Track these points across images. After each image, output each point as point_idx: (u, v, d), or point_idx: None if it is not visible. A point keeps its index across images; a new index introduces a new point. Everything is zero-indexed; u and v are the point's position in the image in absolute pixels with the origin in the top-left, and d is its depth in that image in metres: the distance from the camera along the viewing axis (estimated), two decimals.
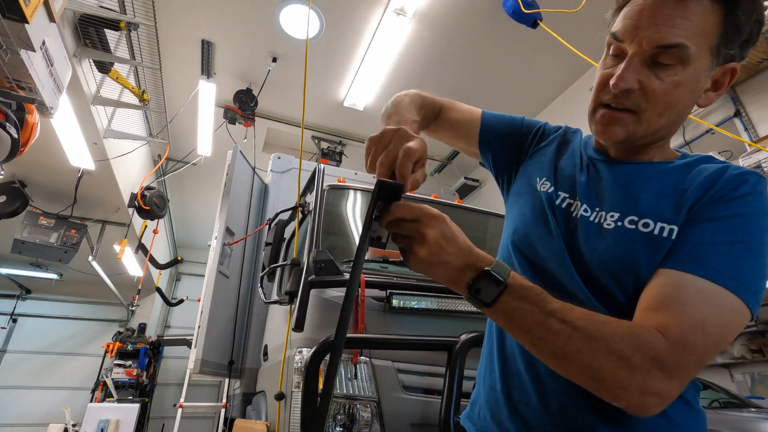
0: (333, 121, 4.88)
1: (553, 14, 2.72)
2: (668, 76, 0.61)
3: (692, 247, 0.57)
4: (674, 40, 0.59)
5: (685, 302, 0.54)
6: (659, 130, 0.66)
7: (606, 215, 0.65)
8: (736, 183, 0.60)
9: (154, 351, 6.34)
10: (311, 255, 1.83)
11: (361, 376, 1.64)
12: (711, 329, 0.53)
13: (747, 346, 8.03)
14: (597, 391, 0.53)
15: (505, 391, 0.70)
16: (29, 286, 7.22)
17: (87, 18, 2.74)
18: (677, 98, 0.63)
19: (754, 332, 8.06)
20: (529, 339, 0.56)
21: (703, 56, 0.61)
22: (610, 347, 0.51)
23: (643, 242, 0.61)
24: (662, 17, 0.60)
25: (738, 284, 0.54)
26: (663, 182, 0.65)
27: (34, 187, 4.06)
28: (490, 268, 0.55)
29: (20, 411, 6.67)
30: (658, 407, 0.52)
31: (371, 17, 3.53)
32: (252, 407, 2.65)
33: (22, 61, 1.81)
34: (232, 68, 4.10)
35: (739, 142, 2.76)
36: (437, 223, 0.55)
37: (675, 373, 0.51)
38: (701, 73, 0.63)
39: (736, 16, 0.60)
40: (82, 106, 3.09)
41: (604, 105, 0.67)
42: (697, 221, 0.59)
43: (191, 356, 3.04)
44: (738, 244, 0.56)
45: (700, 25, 0.59)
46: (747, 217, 0.58)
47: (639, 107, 0.63)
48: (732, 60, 0.65)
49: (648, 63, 0.62)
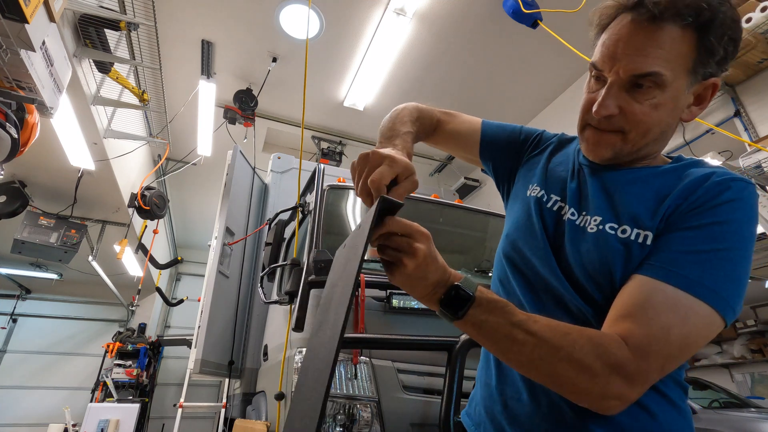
0: (333, 121, 4.88)
1: (553, 14, 2.72)
2: (647, 99, 0.63)
3: (668, 255, 0.59)
4: (648, 69, 0.61)
5: (652, 310, 0.56)
6: (644, 147, 0.68)
7: (590, 219, 0.68)
8: (718, 190, 0.60)
9: (154, 351, 6.34)
10: (311, 255, 1.83)
11: (361, 376, 1.64)
12: (675, 337, 0.54)
13: (747, 346, 8.04)
14: (562, 394, 0.58)
15: (499, 387, 0.73)
16: (29, 286, 7.22)
17: (87, 18, 2.73)
18: (658, 119, 0.65)
19: (754, 332, 8.07)
20: (497, 349, 0.60)
21: (680, 78, 0.63)
22: (571, 356, 0.54)
23: (621, 247, 0.62)
24: (636, 47, 0.62)
25: (710, 293, 0.55)
26: (645, 187, 0.67)
27: (34, 187, 4.05)
28: (459, 283, 0.58)
29: (20, 411, 6.66)
30: (620, 409, 0.55)
31: (371, 17, 3.53)
32: (252, 407, 2.65)
33: (22, 61, 1.81)
34: (232, 68, 4.10)
35: (739, 142, 2.76)
36: (427, 240, 0.58)
37: (635, 379, 0.53)
38: (680, 93, 0.64)
39: (708, 40, 0.61)
40: (82, 106, 3.09)
41: (592, 126, 0.70)
42: (675, 229, 0.60)
43: (191, 356, 3.04)
44: (716, 253, 0.57)
45: (673, 52, 0.61)
46: (728, 224, 0.58)
47: (623, 128, 0.66)
48: (712, 76, 0.66)
49: (627, 88, 0.64)
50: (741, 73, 2.72)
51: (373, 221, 0.56)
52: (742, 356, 7.68)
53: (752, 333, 7.71)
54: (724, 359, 7.99)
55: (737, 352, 7.76)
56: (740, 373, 7.90)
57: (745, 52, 2.53)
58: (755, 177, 2.55)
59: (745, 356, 7.67)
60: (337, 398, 1.57)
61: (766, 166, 2.45)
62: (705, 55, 0.62)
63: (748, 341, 7.72)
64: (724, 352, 8.14)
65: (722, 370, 8.09)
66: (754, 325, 7.66)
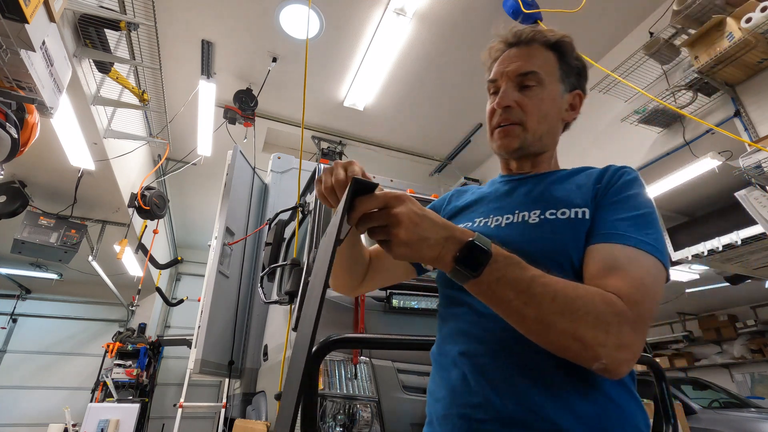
0: (333, 121, 4.88)
1: (553, 14, 2.72)
2: (534, 94, 0.82)
3: (610, 224, 0.69)
4: (529, 68, 0.82)
5: (623, 267, 0.63)
6: (542, 137, 0.84)
7: (529, 214, 0.77)
8: (620, 173, 0.77)
9: (154, 351, 6.34)
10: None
11: (361, 376, 1.64)
12: (648, 285, 0.62)
13: (747, 346, 8.04)
14: (578, 353, 0.57)
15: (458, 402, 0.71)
16: (29, 286, 7.22)
17: (87, 18, 2.74)
18: (546, 110, 0.83)
19: (754, 332, 8.07)
20: (514, 307, 0.58)
21: (554, 83, 0.84)
22: (588, 308, 0.57)
23: (567, 226, 0.72)
24: (518, 58, 0.84)
25: (652, 247, 0.65)
26: (565, 183, 0.81)
27: (34, 187, 4.05)
28: (474, 239, 0.58)
29: (20, 411, 6.66)
30: (631, 362, 0.58)
31: (371, 17, 3.53)
32: (252, 407, 2.65)
33: (22, 61, 1.81)
34: (232, 68, 4.10)
35: (739, 142, 2.76)
36: (404, 201, 0.58)
37: (637, 326, 0.59)
38: (557, 95, 0.84)
39: (564, 58, 0.86)
40: (82, 106, 3.09)
41: (497, 127, 0.84)
42: (604, 205, 0.73)
43: (191, 356, 3.04)
44: (640, 217, 0.69)
45: (544, 61, 0.84)
46: (637, 195, 0.72)
47: (521, 119, 0.82)
48: (577, 88, 0.88)
49: (518, 88, 0.83)
50: (741, 73, 2.72)
51: (346, 203, 0.54)
52: (742, 356, 7.69)
53: (752, 333, 7.71)
54: (724, 359, 8.00)
55: (737, 352, 7.77)
56: (740, 373, 7.90)
57: (745, 52, 2.53)
58: (755, 177, 2.54)
59: (745, 356, 7.67)
60: (337, 398, 1.57)
61: (766, 166, 2.45)
62: (566, 69, 0.85)
63: (748, 341, 7.72)
64: (724, 352, 8.14)
65: (722, 370, 8.10)
66: (754, 325, 7.66)
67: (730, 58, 2.58)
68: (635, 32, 3.64)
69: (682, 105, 3.01)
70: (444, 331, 0.81)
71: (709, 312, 8.54)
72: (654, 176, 3.62)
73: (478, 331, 0.72)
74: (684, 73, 2.92)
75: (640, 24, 3.60)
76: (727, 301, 7.98)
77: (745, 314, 8.11)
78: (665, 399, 1.84)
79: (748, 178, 2.59)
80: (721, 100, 2.92)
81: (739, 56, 2.56)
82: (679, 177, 3.51)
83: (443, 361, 0.77)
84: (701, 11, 2.68)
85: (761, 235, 3.18)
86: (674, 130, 3.26)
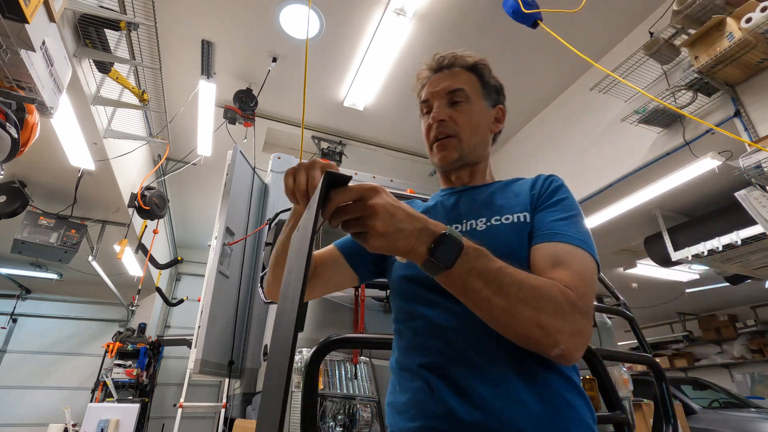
0: (333, 121, 4.88)
1: (553, 14, 2.71)
2: (463, 109, 0.90)
3: (549, 225, 0.76)
4: (457, 86, 0.91)
5: (565, 261, 0.69)
6: (476, 147, 0.92)
7: (476, 222, 0.83)
8: (550, 181, 0.85)
9: (154, 351, 6.33)
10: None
11: (361, 376, 1.64)
12: (587, 276, 0.68)
13: (747, 346, 8.04)
14: (540, 340, 0.61)
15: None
16: (29, 286, 7.21)
17: (87, 18, 2.73)
18: (476, 122, 0.91)
19: (754, 332, 8.07)
20: (483, 296, 0.60)
21: (479, 99, 0.93)
22: (548, 297, 0.61)
23: (511, 230, 0.78)
24: (446, 79, 0.93)
25: (585, 244, 0.73)
26: (504, 192, 0.88)
27: (34, 187, 4.05)
28: (447, 231, 0.60)
29: (20, 411, 6.66)
30: (583, 348, 0.63)
31: (371, 17, 3.53)
32: (252, 407, 2.65)
33: (22, 61, 1.81)
34: (232, 68, 4.10)
35: (739, 142, 2.76)
36: (379, 193, 0.58)
37: (586, 314, 0.64)
38: (483, 109, 0.94)
39: (483, 77, 0.95)
40: (82, 106, 3.09)
41: (435, 141, 0.91)
42: (542, 209, 0.80)
43: (191, 356, 3.04)
44: (572, 218, 0.77)
45: (467, 81, 0.93)
46: (567, 200, 0.81)
47: (455, 132, 0.89)
48: (499, 103, 0.98)
49: (449, 104, 0.91)
50: (741, 73, 2.72)
51: (320, 197, 0.54)
52: (742, 356, 7.69)
53: (752, 333, 7.72)
54: (724, 359, 8.00)
55: (737, 352, 7.77)
56: (740, 373, 7.91)
57: (745, 52, 2.53)
58: (755, 177, 2.54)
59: (745, 356, 7.67)
60: (337, 398, 1.57)
61: (766, 166, 2.44)
62: (487, 87, 0.95)
63: (748, 341, 7.73)
64: (724, 352, 8.15)
65: (722, 370, 8.10)
66: (754, 325, 7.67)
67: (730, 58, 2.58)
68: (635, 32, 3.64)
69: (682, 105, 3.01)
70: (402, 344, 0.82)
71: (709, 312, 8.55)
72: (654, 176, 3.62)
73: (438, 343, 0.74)
74: (684, 73, 2.92)
75: (640, 24, 3.60)
76: (727, 301, 7.99)
77: (745, 314, 8.11)
78: (665, 399, 1.84)
79: (748, 178, 2.59)
80: (721, 100, 2.92)
81: (739, 56, 2.56)
82: (679, 177, 3.51)
83: (404, 373, 0.78)
84: (701, 11, 2.68)
85: (761, 235, 3.18)
86: (674, 130, 3.26)
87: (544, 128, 4.67)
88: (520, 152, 5.02)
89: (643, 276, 6.32)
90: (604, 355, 1.62)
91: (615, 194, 3.94)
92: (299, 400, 1.49)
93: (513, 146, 5.15)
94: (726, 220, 3.65)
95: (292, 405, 1.68)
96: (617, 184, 3.73)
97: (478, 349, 0.69)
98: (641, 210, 4.25)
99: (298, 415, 1.35)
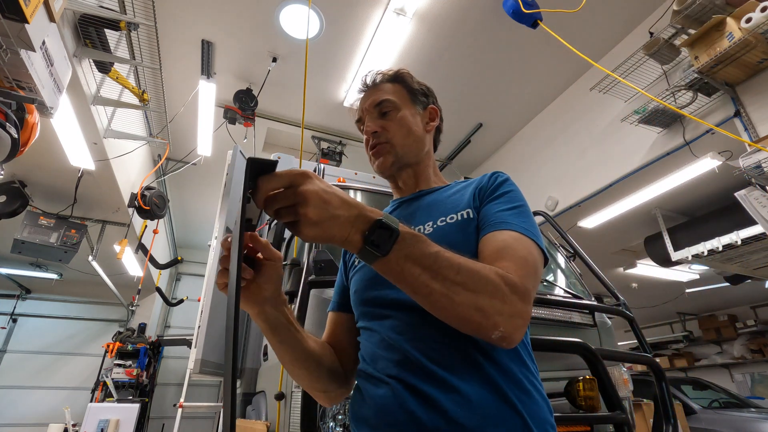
0: (333, 121, 4.88)
1: (553, 14, 2.72)
2: (392, 117, 0.95)
3: (494, 215, 0.78)
4: (382, 98, 0.96)
5: (509, 248, 0.71)
6: (412, 148, 0.95)
7: (423, 227, 0.85)
8: (495, 176, 0.88)
9: (154, 351, 6.34)
10: (311, 255, 1.83)
11: None
12: (530, 261, 0.70)
13: (747, 346, 8.03)
14: (480, 323, 0.61)
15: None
16: (29, 286, 7.21)
17: (87, 18, 2.73)
18: (407, 126, 0.95)
19: (755, 332, 8.07)
20: (421, 281, 0.60)
21: (407, 105, 0.97)
22: (486, 279, 0.62)
23: (455, 228, 0.81)
24: (372, 95, 0.98)
25: (529, 232, 0.74)
26: (449, 193, 0.91)
27: (34, 187, 4.05)
28: (382, 218, 0.59)
29: (20, 411, 6.66)
30: (523, 329, 0.64)
31: (371, 17, 3.53)
32: (252, 407, 2.65)
33: (22, 61, 1.81)
34: (232, 68, 4.10)
35: (739, 142, 2.76)
36: (310, 179, 0.56)
37: (525, 297, 0.64)
38: (414, 112, 0.97)
39: (408, 85, 0.99)
40: (82, 106, 3.09)
41: (372, 151, 0.95)
42: (487, 202, 0.83)
43: (191, 356, 3.04)
44: (517, 208, 0.79)
45: (393, 91, 0.97)
46: (512, 192, 0.83)
47: (388, 139, 0.93)
48: (429, 105, 1.02)
49: (378, 116, 0.96)
50: (741, 73, 2.72)
51: (246, 185, 0.51)
52: (742, 356, 7.69)
53: (752, 333, 7.72)
54: (724, 359, 8.00)
55: (737, 352, 7.77)
56: (740, 373, 7.91)
57: (745, 52, 2.53)
58: (755, 177, 2.54)
59: (745, 356, 7.67)
60: None
61: (766, 166, 2.44)
62: (413, 92, 0.99)
63: (748, 341, 7.73)
64: (724, 352, 8.15)
65: (722, 370, 8.10)
66: (754, 325, 7.67)
67: (730, 58, 2.58)
68: (635, 32, 3.64)
69: (682, 105, 3.01)
70: (363, 353, 0.83)
71: (709, 312, 8.55)
72: (654, 176, 3.62)
73: (394, 354, 0.75)
74: (684, 73, 2.92)
75: (640, 24, 3.60)
76: (727, 301, 7.99)
77: (745, 314, 8.11)
78: (665, 399, 1.84)
79: (748, 178, 2.59)
80: (721, 100, 2.92)
81: (739, 56, 2.56)
82: (679, 177, 3.51)
83: (368, 381, 0.78)
84: (701, 11, 2.68)
85: (761, 235, 3.18)
86: (674, 130, 3.26)
87: (544, 128, 4.68)
88: (520, 152, 5.02)
89: (643, 276, 6.32)
90: (604, 355, 1.61)
91: (615, 194, 3.94)
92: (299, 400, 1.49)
93: (513, 146, 5.15)
94: (726, 220, 3.66)
95: (293, 405, 1.68)
96: (617, 184, 3.73)
97: (431, 357, 0.70)
98: (641, 210, 4.25)
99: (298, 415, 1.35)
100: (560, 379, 1.73)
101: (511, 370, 0.71)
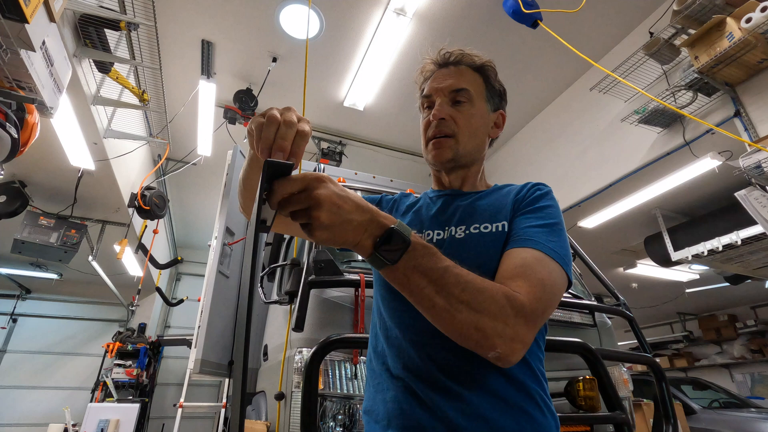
0: (333, 121, 4.88)
1: (553, 14, 2.72)
2: (465, 109, 0.89)
3: (523, 231, 0.76)
4: (461, 86, 0.89)
5: (528, 267, 0.69)
6: (472, 151, 0.90)
7: (456, 230, 0.83)
8: (535, 188, 0.85)
9: (154, 351, 6.34)
10: (311, 255, 1.83)
11: (361, 376, 1.64)
12: (548, 285, 0.67)
13: (747, 346, 8.03)
14: (478, 342, 0.61)
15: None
16: (29, 286, 7.21)
17: (87, 18, 2.73)
18: (476, 126, 0.90)
19: (754, 332, 8.07)
20: (425, 294, 0.60)
21: (482, 101, 0.91)
22: (491, 300, 0.61)
23: (488, 239, 0.78)
24: (451, 77, 0.91)
25: (556, 254, 0.71)
26: (489, 200, 0.87)
27: (34, 187, 4.05)
28: (395, 226, 0.59)
29: (20, 411, 6.66)
30: (521, 353, 0.63)
31: (371, 17, 3.53)
32: (252, 407, 2.65)
33: (22, 61, 1.81)
34: (232, 68, 4.10)
35: (739, 142, 2.76)
36: (325, 183, 0.56)
37: (531, 321, 0.63)
38: (485, 112, 0.92)
39: (489, 79, 0.94)
40: (82, 106, 3.09)
41: (431, 139, 0.90)
42: (520, 214, 0.80)
43: (191, 356, 3.04)
44: (549, 226, 0.76)
45: (472, 80, 0.91)
46: (548, 208, 0.80)
47: (454, 132, 0.88)
48: (500, 108, 0.96)
49: (451, 103, 0.89)
50: (741, 73, 2.71)
51: (261, 188, 0.52)
52: (742, 356, 7.69)
53: (752, 333, 7.72)
54: (724, 359, 8.00)
55: (737, 352, 7.77)
56: (740, 373, 7.91)
57: (745, 52, 2.53)
58: (755, 177, 2.54)
59: (745, 356, 7.67)
60: (337, 398, 1.57)
61: (766, 166, 2.45)
62: (491, 90, 0.94)
63: (748, 341, 7.72)
64: (724, 352, 8.15)
65: (722, 370, 8.10)
66: (754, 325, 7.66)
67: (730, 58, 2.58)
68: (635, 32, 3.64)
69: (682, 105, 3.01)
70: (378, 347, 0.83)
71: (709, 312, 8.54)
72: (654, 176, 3.62)
73: (404, 359, 0.76)
74: (684, 73, 2.92)
75: (640, 24, 3.60)
76: (727, 301, 7.98)
77: (745, 314, 8.11)
78: (665, 399, 1.84)
79: (748, 178, 2.59)
80: (721, 100, 2.92)
81: (739, 56, 2.55)
82: (679, 177, 3.51)
83: (379, 378, 0.79)
84: (701, 11, 2.68)
85: (761, 235, 3.18)
86: (674, 130, 3.26)
87: (544, 128, 4.67)
88: (520, 152, 5.02)
89: (643, 276, 6.32)
90: (604, 355, 1.62)
91: (615, 194, 3.94)
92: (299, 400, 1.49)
93: (513, 146, 5.15)
94: (726, 220, 3.66)
95: (293, 405, 1.68)
96: (617, 184, 3.73)
97: (441, 367, 0.71)
98: (641, 210, 4.25)
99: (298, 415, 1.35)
100: (560, 379, 1.73)
101: (523, 383, 0.71)
